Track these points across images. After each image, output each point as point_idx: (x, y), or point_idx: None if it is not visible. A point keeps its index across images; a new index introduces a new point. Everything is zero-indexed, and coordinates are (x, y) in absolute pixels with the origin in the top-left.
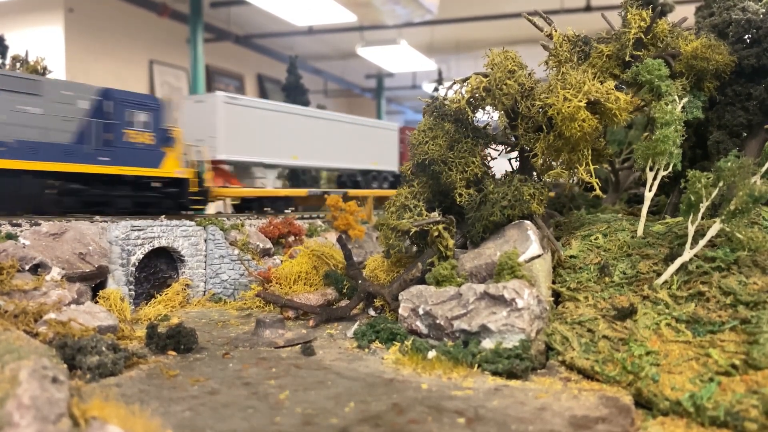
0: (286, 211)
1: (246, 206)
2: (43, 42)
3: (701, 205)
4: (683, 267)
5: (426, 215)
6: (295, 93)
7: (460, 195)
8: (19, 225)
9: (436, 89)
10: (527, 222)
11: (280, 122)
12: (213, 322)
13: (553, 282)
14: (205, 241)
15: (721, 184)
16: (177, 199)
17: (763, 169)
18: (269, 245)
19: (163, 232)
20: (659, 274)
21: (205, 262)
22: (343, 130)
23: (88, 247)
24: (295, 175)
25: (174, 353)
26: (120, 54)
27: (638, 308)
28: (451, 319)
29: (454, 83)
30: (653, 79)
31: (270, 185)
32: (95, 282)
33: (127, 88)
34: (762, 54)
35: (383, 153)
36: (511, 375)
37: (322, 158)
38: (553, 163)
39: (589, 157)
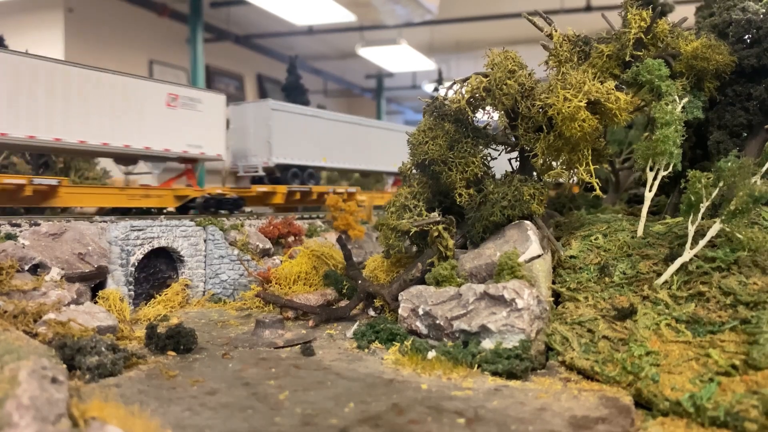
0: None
1: None
2: (43, 42)
3: (701, 205)
4: (683, 267)
5: (426, 215)
6: (294, 93)
7: (460, 195)
8: (19, 225)
9: (436, 89)
10: (527, 222)
11: None
12: (212, 322)
13: (553, 282)
14: (205, 241)
15: (721, 184)
16: None
17: (764, 169)
18: (269, 245)
19: (162, 232)
20: (659, 275)
21: (205, 262)
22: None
23: (87, 248)
24: None
25: (173, 354)
26: (120, 54)
27: (638, 308)
28: (450, 320)
29: (454, 83)
30: (653, 79)
31: None
32: (95, 282)
33: None
34: (762, 54)
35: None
36: (510, 375)
37: None
38: (553, 163)
39: (589, 157)
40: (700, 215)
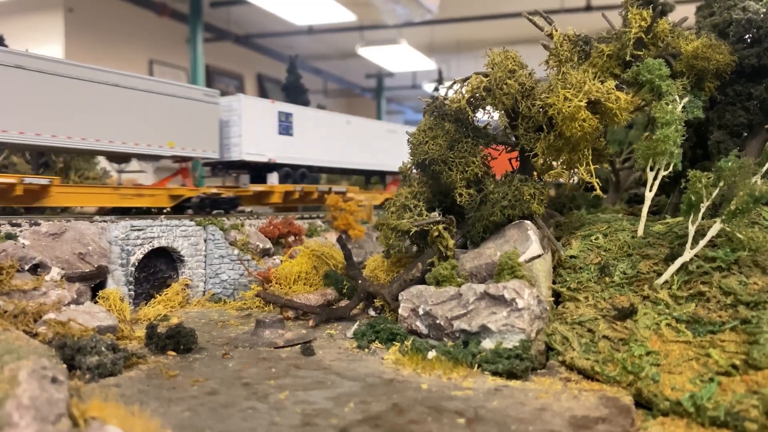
0: None
1: None
2: (43, 42)
3: (702, 205)
4: (684, 267)
5: (426, 215)
6: (295, 93)
7: (460, 195)
8: (19, 225)
9: (436, 89)
10: (527, 222)
11: None
12: (213, 322)
13: (554, 282)
14: (205, 241)
15: (721, 184)
16: None
17: (764, 169)
18: (269, 245)
19: (162, 232)
20: (659, 274)
21: (205, 262)
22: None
23: (87, 247)
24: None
25: (173, 353)
26: (120, 54)
27: (638, 308)
28: (451, 319)
29: (455, 83)
30: (654, 78)
31: None
32: (95, 282)
33: None
34: (762, 53)
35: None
36: (511, 375)
37: None
38: (553, 163)
39: (590, 157)
40: (700, 215)
